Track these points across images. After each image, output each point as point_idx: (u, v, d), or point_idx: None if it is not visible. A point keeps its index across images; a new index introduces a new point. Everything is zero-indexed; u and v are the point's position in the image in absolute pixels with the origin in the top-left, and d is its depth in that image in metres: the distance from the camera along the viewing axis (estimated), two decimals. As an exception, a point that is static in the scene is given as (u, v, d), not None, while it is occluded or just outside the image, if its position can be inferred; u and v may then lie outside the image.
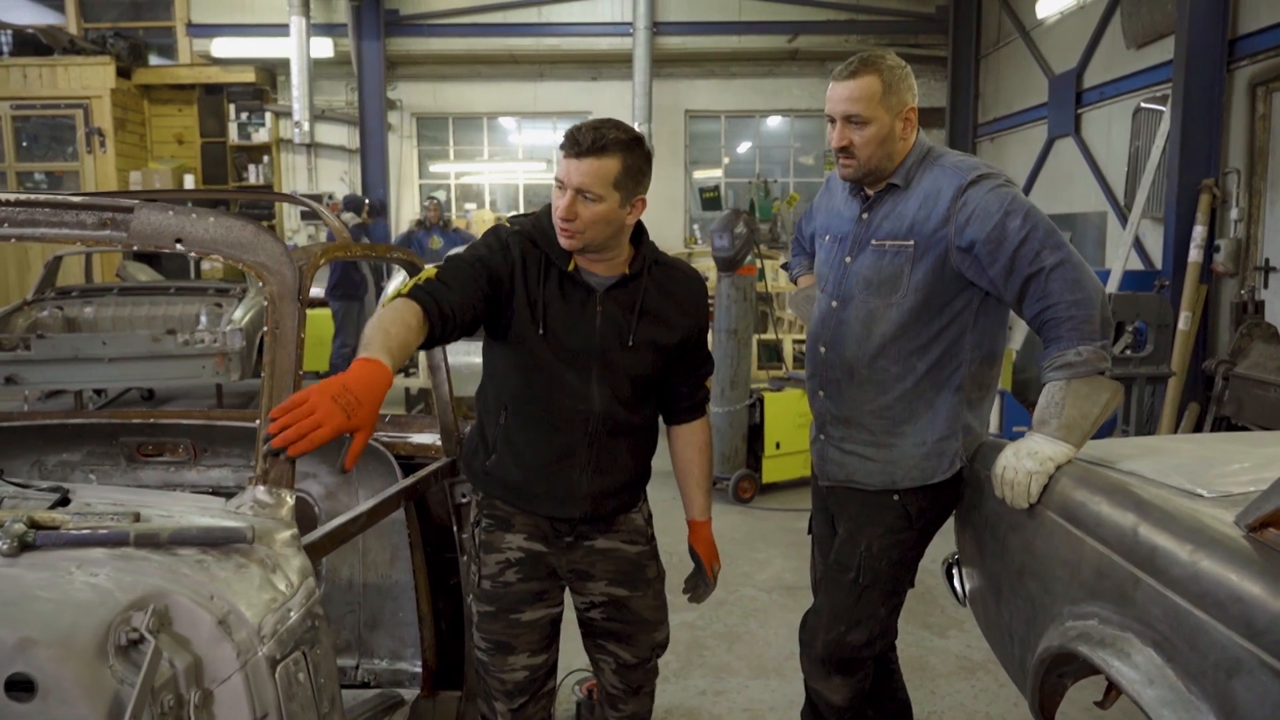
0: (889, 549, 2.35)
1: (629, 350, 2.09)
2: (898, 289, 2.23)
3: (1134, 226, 7.24)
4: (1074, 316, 2.03)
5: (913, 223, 2.22)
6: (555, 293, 2.06)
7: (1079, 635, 1.67)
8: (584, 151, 1.93)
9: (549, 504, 2.14)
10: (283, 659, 1.48)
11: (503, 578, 2.17)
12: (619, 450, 2.16)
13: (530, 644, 2.20)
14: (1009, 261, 2.09)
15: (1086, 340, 2.02)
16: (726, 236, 5.88)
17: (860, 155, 2.24)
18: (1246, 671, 1.27)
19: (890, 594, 2.39)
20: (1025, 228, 2.07)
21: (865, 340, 2.30)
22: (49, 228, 1.78)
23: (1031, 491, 1.98)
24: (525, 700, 2.24)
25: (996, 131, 11.15)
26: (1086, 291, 2.03)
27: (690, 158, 13.04)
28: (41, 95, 11.60)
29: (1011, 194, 2.13)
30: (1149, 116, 7.61)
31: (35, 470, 2.80)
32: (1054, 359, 2.05)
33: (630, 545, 2.25)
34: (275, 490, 1.65)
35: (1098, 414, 2.02)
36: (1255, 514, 1.44)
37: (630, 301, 2.10)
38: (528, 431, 2.12)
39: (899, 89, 2.20)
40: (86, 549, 1.43)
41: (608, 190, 1.95)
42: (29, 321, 7.51)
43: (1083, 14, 8.91)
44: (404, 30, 12.05)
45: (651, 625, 2.31)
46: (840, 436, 2.42)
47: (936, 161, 2.25)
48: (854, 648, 2.39)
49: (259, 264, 1.78)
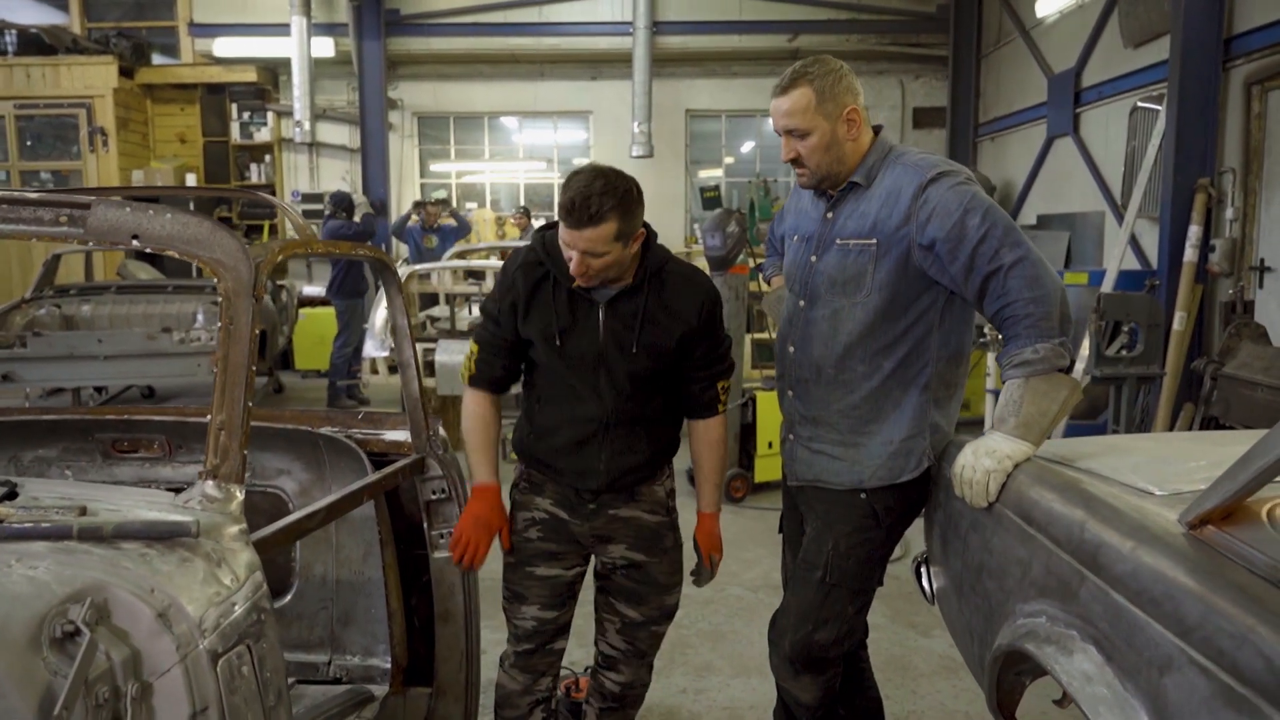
0: (856, 547, 2.36)
1: (629, 356, 2.30)
2: (862, 287, 2.25)
3: (1129, 226, 7.21)
4: (1032, 314, 2.04)
5: (875, 221, 2.24)
6: (565, 308, 2.31)
7: (1028, 633, 1.67)
8: (582, 224, 2.13)
9: (572, 477, 2.40)
10: (225, 652, 1.49)
11: (526, 534, 2.45)
12: (635, 436, 2.38)
13: (540, 598, 2.45)
14: (969, 259, 2.10)
15: (1044, 337, 2.03)
16: (718, 236, 5.89)
17: (810, 164, 2.29)
18: (1177, 669, 1.26)
19: (857, 593, 2.40)
20: (984, 225, 2.08)
21: (832, 340, 2.32)
22: (5, 223, 1.79)
23: (990, 490, 2.00)
24: (531, 648, 2.49)
25: (996, 131, 11.11)
26: (1045, 289, 2.04)
27: (691, 157, 13.02)
28: (45, 95, 11.64)
29: (971, 191, 2.14)
30: (1145, 116, 7.58)
31: (12, 466, 2.81)
32: (1012, 357, 2.07)
33: (651, 515, 2.47)
34: (225, 485, 1.66)
35: (1056, 411, 2.02)
36: (1195, 511, 1.44)
37: (632, 311, 2.30)
38: (554, 420, 2.40)
39: (834, 94, 2.23)
40: (28, 542, 1.45)
41: (610, 246, 2.17)
42: (26, 319, 7.55)
43: (1081, 13, 8.88)
44: (405, 30, 12.07)
45: (664, 588, 2.51)
46: (808, 436, 2.43)
47: (899, 160, 2.27)
48: (822, 646, 2.40)
49: (215, 260, 1.79)
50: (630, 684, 2.59)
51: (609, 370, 2.31)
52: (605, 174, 2.17)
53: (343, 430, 2.70)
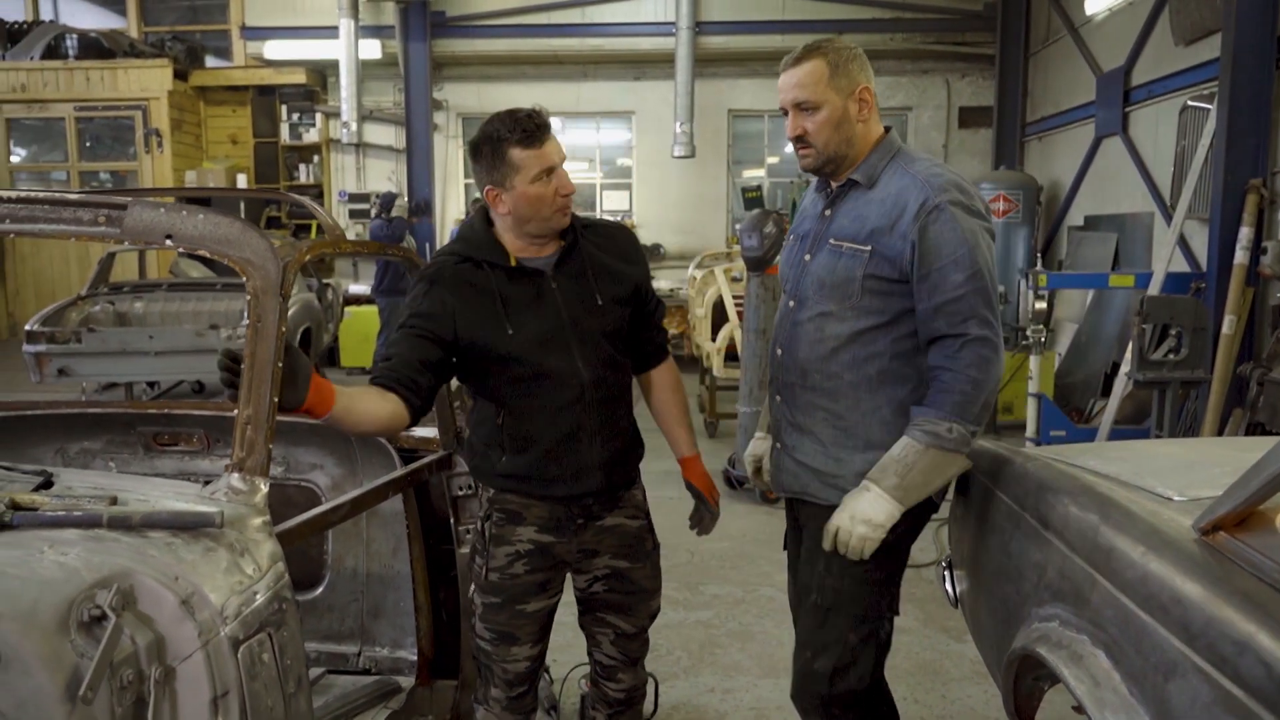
0: (847, 569, 2.15)
1: (598, 311, 2.20)
2: (851, 293, 2.13)
3: (1177, 227, 7.06)
4: (966, 393, 2.00)
5: (872, 228, 2.12)
6: (509, 289, 2.16)
7: (1040, 637, 1.66)
8: (548, 132, 2.11)
9: (564, 484, 2.22)
10: (246, 639, 1.54)
11: (511, 570, 2.25)
12: (618, 413, 2.28)
13: (531, 634, 2.30)
14: (934, 309, 2.04)
15: (964, 420, 2.01)
16: (755, 236, 5.88)
17: (816, 142, 2.16)
18: (1181, 674, 1.26)
19: (858, 620, 2.19)
20: (965, 287, 2.01)
21: (818, 344, 2.19)
22: (48, 224, 1.86)
23: (865, 553, 2.06)
24: (524, 690, 2.35)
25: (1044, 131, 10.94)
26: (987, 375, 2.00)
27: (733, 158, 13.01)
28: (103, 97, 11.99)
29: (973, 242, 2.04)
30: (1195, 115, 7.42)
31: (59, 457, 2.91)
32: (926, 420, 2.03)
33: (632, 520, 2.36)
34: (250, 478, 1.71)
35: (938, 484, 2.06)
36: (1208, 517, 1.42)
37: (580, 269, 2.21)
38: (530, 423, 2.20)
39: (848, 69, 2.12)
40: (61, 529, 1.51)
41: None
42: (82, 316, 7.78)
43: (1131, 10, 8.72)
44: (450, 32, 12.20)
45: (649, 594, 2.42)
46: (793, 445, 2.29)
47: (907, 166, 2.14)
48: (822, 677, 2.20)
49: (244, 259, 1.84)
50: (633, 688, 2.49)
51: (581, 336, 2.18)
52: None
53: None
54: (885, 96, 12.42)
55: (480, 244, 2.19)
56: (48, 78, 11.86)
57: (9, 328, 12.02)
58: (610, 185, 13.22)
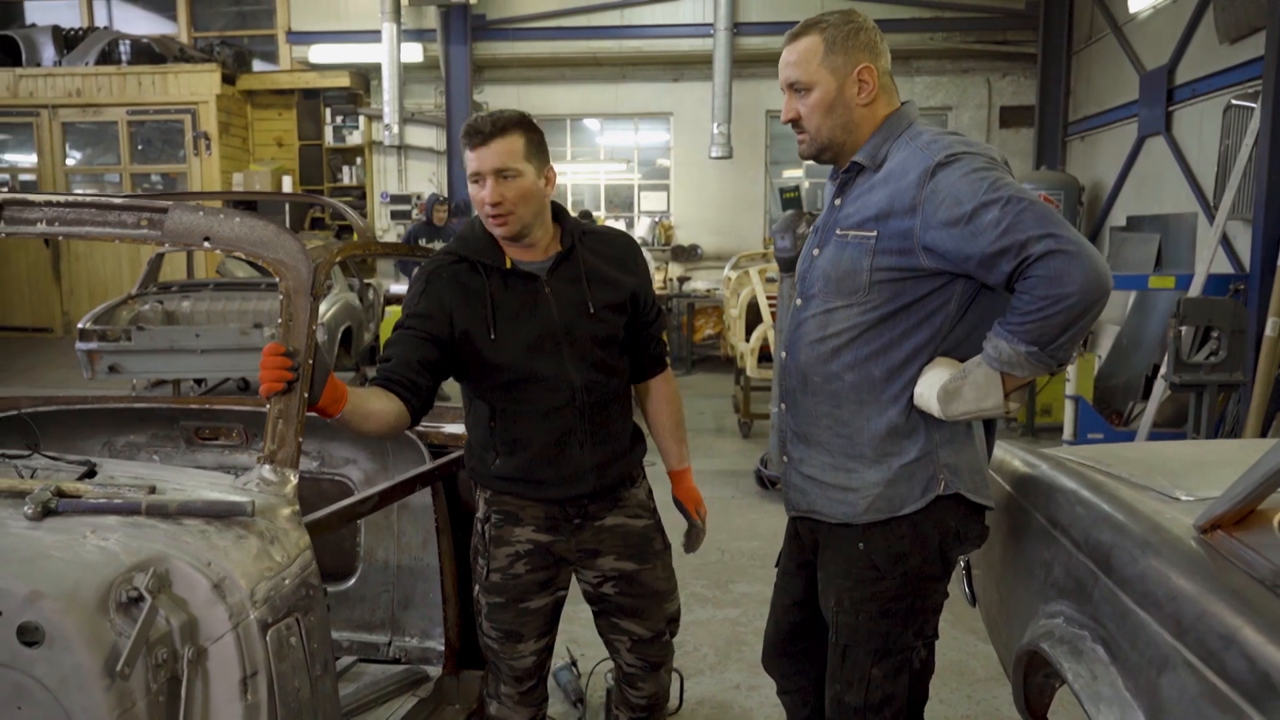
0: (863, 603, 2.01)
1: (592, 318, 2.18)
2: (858, 286, 1.94)
3: (1219, 228, 6.95)
4: (1028, 314, 1.75)
5: (877, 211, 1.92)
6: (501, 292, 2.16)
7: (1045, 633, 1.69)
8: (489, 136, 2.06)
9: (556, 487, 2.22)
10: (274, 623, 1.61)
11: (512, 570, 2.26)
12: (611, 418, 2.25)
13: (537, 629, 2.30)
14: (989, 257, 1.78)
15: (1023, 340, 1.78)
16: (788, 237, 5.88)
17: (809, 126, 1.99)
18: (1172, 669, 1.28)
19: (881, 654, 2.02)
20: (1008, 215, 1.74)
21: (818, 343, 2.01)
22: (94, 226, 1.96)
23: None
24: (533, 684, 2.37)
25: (1086, 130, 10.80)
26: (1063, 289, 1.70)
27: (771, 158, 13.00)
28: (154, 101, 12.28)
29: (990, 179, 1.79)
30: (1239, 114, 7.30)
31: (106, 449, 3.03)
32: (998, 337, 1.83)
33: (636, 520, 2.33)
34: (280, 470, 1.79)
35: (986, 404, 1.83)
36: (1207, 516, 1.45)
37: (575, 274, 2.19)
38: (521, 426, 2.20)
39: (846, 46, 1.93)
40: (102, 516, 1.60)
41: (522, 164, 2.08)
42: (132, 314, 7.99)
43: (1176, 8, 8.59)
44: (490, 34, 12.34)
45: (663, 596, 2.37)
46: (799, 458, 2.12)
47: (912, 139, 1.94)
48: (857, 711, 2.06)
49: (278, 261, 1.92)
50: (655, 695, 2.46)
51: (572, 341, 2.16)
52: (502, 109, 2.15)
53: None
54: (925, 96, 12.34)
55: (477, 245, 2.19)
56: (101, 83, 12.19)
57: (64, 325, 12.38)
58: (648, 186, 13.27)
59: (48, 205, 1.95)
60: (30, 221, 1.94)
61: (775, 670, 2.46)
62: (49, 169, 12.55)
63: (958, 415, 1.85)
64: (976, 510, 1.96)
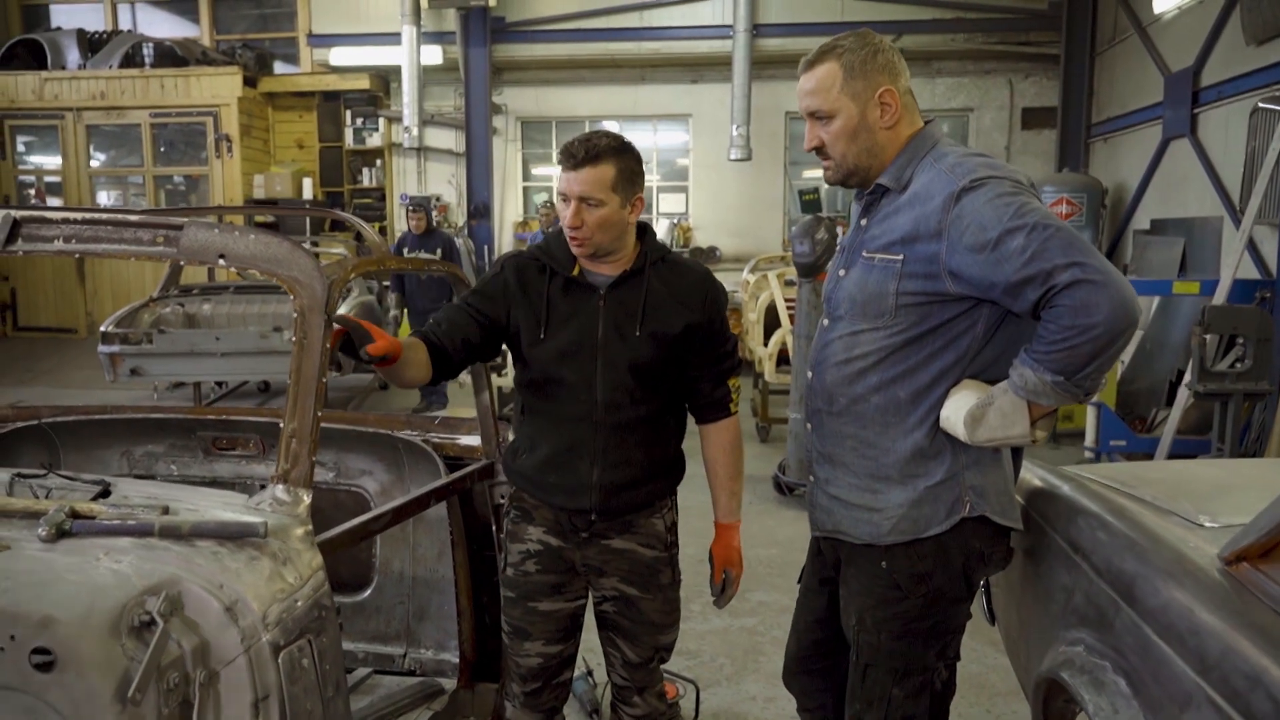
0: (885, 622, 2.01)
1: (632, 341, 2.17)
2: (884, 310, 1.94)
3: (1245, 232, 6.86)
4: (1053, 343, 1.75)
5: (903, 235, 1.91)
6: (559, 296, 2.21)
7: (1065, 661, 1.66)
8: (580, 163, 2.09)
9: (561, 495, 2.24)
10: (287, 645, 1.61)
11: (523, 567, 2.31)
12: (628, 444, 2.22)
13: (546, 633, 2.32)
14: (1014, 285, 1.77)
15: (1048, 370, 1.77)
16: (807, 242, 5.87)
17: (834, 154, 1.99)
18: (1195, 706, 1.25)
19: (902, 674, 2.01)
20: (1034, 242, 1.73)
21: (845, 364, 2.02)
22: (110, 243, 1.96)
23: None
24: (538, 686, 2.37)
25: (1109, 132, 10.70)
26: (1089, 319, 1.69)
27: (790, 160, 12.95)
28: (177, 104, 12.37)
29: (1016, 204, 1.78)
30: (1267, 116, 7.20)
31: (124, 459, 3.04)
32: (1024, 365, 1.82)
33: (647, 549, 2.30)
34: (293, 489, 1.79)
35: (1011, 431, 1.84)
36: (1233, 548, 1.41)
37: (634, 295, 2.19)
38: (541, 426, 2.26)
39: (865, 71, 1.92)
40: (115, 538, 1.60)
41: (607, 194, 2.10)
42: (154, 317, 8.04)
43: (1201, 9, 8.49)
44: (509, 37, 12.36)
45: (658, 628, 2.35)
46: (825, 478, 2.12)
47: (938, 161, 1.93)
48: None
49: (292, 278, 1.91)
50: (647, 714, 2.42)
51: (607, 360, 2.16)
52: (606, 131, 2.17)
53: (420, 434, 2.84)
54: (946, 98, 12.26)
55: (554, 250, 2.24)
56: (125, 85, 12.30)
57: (88, 326, 12.50)
58: (667, 188, 13.26)
59: (65, 223, 1.95)
60: (47, 239, 1.95)
61: (795, 688, 2.45)
62: (73, 171, 12.67)
63: (983, 441, 1.86)
64: (1002, 532, 1.94)
